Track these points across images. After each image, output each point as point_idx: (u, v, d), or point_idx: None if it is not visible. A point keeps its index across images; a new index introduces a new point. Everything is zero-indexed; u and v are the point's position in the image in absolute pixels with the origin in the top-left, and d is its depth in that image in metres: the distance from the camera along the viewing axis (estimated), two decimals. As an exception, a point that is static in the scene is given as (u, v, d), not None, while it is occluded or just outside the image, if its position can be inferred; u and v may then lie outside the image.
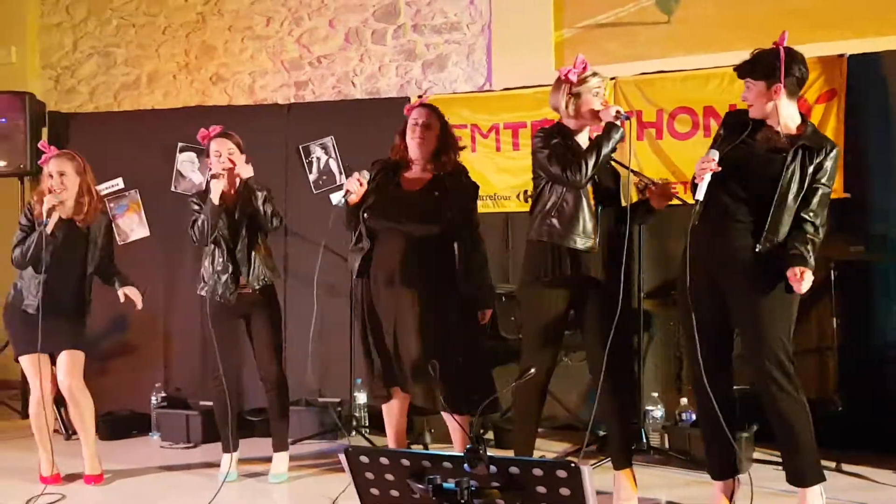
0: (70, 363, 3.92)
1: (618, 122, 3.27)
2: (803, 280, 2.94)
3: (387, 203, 3.62)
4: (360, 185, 3.61)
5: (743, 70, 3.11)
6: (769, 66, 3.03)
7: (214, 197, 3.85)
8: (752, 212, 3.04)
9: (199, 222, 3.88)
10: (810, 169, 3.01)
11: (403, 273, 3.57)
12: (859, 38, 4.83)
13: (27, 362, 3.93)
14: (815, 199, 3.03)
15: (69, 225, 3.93)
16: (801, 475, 3.08)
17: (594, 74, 3.38)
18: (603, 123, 3.30)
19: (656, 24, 5.42)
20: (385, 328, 3.62)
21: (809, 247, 2.99)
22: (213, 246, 3.93)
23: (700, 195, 3.03)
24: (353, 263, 3.69)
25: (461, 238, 3.66)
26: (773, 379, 3.01)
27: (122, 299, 4.10)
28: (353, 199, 3.61)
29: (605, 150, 3.24)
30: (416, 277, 3.56)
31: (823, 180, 3.04)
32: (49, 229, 3.81)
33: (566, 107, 3.36)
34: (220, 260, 3.93)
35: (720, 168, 3.01)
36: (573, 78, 3.34)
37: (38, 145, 4.15)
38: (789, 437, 3.05)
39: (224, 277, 3.91)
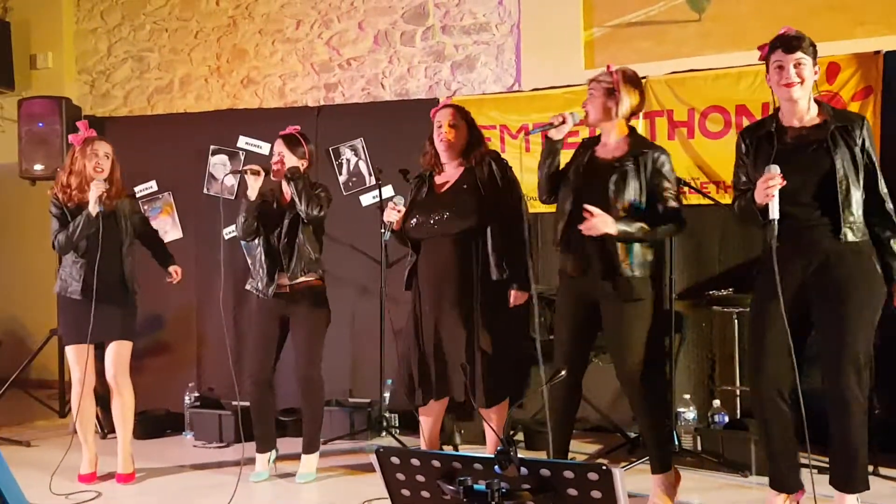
0: (118, 354, 3.97)
1: (553, 135, 3.37)
2: None
3: (420, 211, 3.63)
4: (399, 212, 3.63)
5: (798, 43, 2.99)
6: (814, 46, 3.01)
7: (252, 193, 3.93)
8: (823, 212, 2.97)
9: (241, 217, 3.98)
10: (857, 146, 2.97)
11: (445, 274, 3.56)
12: (896, 34, 4.76)
13: (73, 353, 3.97)
14: (879, 176, 3.01)
15: (109, 208, 3.97)
16: (852, 482, 3.02)
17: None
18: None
19: (687, 21, 5.38)
20: (427, 333, 3.61)
21: None
22: (257, 242, 4.02)
23: (775, 213, 2.93)
24: (404, 277, 3.72)
25: (499, 223, 3.58)
26: (848, 387, 2.94)
27: (174, 278, 4.25)
28: (396, 227, 3.65)
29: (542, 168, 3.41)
30: (457, 276, 3.54)
31: (871, 150, 3.00)
32: (95, 211, 3.85)
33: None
34: (260, 256, 4.00)
35: (785, 181, 2.92)
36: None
37: (77, 124, 4.19)
38: (849, 444, 2.99)
39: (262, 273, 3.97)
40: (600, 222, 3.15)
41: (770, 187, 2.91)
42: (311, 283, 3.99)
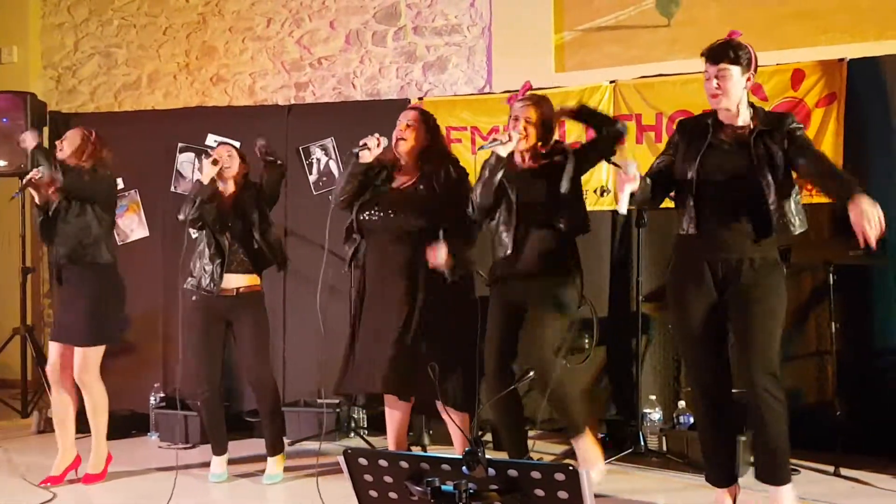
0: (82, 358, 3.93)
1: (501, 153, 3.43)
2: (866, 215, 2.81)
3: (377, 199, 3.66)
4: (378, 145, 3.62)
5: (720, 55, 3.05)
6: (744, 56, 3.07)
7: (205, 178, 3.93)
8: (746, 212, 3.05)
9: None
10: (780, 148, 3.03)
11: (395, 268, 3.59)
12: (860, 42, 4.85)
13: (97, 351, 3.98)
14: (814, 149, 3.09)
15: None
16: (779, 474, 3.12)
17: (522, 101, 3.59)
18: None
19: (656, 27, 5.43)
20: (374, 324, 3.63)
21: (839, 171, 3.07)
22: (201, 236, 3.99)
23: (623, 208, 3.05)
24: (348, 252, 3.75)
25: (450, 227, 3.62)
26: (765, 388, 3.03)
27: None
28: (368, 157, 3.61)
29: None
30: (408, 272, 3.57)
31: (798, 137, 3.05)
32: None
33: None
34: (205, 251, 3.98)
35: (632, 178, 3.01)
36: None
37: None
38: (772, 439, 3.08)
39: (207, 270, 3.94)
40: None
41: (624, 183, 2.99)
42: (253, 287, 4.03)
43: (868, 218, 2.74)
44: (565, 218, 3.45)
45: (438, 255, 3.49)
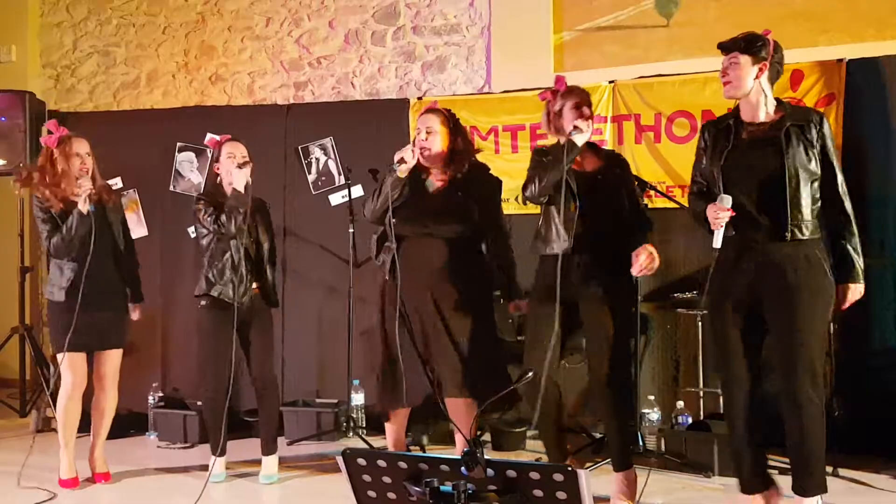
0: (113, 363, 3.95)
1: (574, 139, 3.31)
2: (849, 300, 3.02)
3: (412, 207, 3.59)
4: (414, 155, 3.56)
5: (732, 44, 3.09)
6: (759, 45, 3.07)
7: (240, 185, 3.86)
8: (774, 212, 3.00)
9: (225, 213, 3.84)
10: (815, 144, 3.01)
11: (433, 276, 3.55)
12: (859, 42, 4.85)
13: (66, 359, 3.83)
14: (837, 171, 3.05)
15: (97, 206, 3.85)
16: (808, 486, 3.05)
17: (574, 88, 3.50)
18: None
19: (655, 27, 5.43)
20: (414, 331, 3.59)
21: (856, 242, 3.03)
22: (228, 245, 3.91)
23: (718, 243, 3.02)
24: (385, 264, 3.62)
25: (489, 236, 3.66)
26: (804, 391, 2.96)
27: (134, 317, 4.11)
28: (405, 170, 3.54)
29: (550, 170, 3.32)
30: (446, 279, 3.54)
31: (829, 147, 3.05)
32: (86, 209, 3.74)
33: (549, 127, 3.51)
34: (230, 260, 3.91)
35: (731, 211, 2.99)
36: (549, 96, 3.49)
37: (46, 126, 4.03)
38: (804, 448, 3.02)
39: (233, 277, 3.89)
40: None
41: (719, 218, 2.98)
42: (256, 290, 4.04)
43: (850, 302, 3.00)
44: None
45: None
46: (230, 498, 3.81)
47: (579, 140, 3.32)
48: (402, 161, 3.51)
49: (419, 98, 5.30)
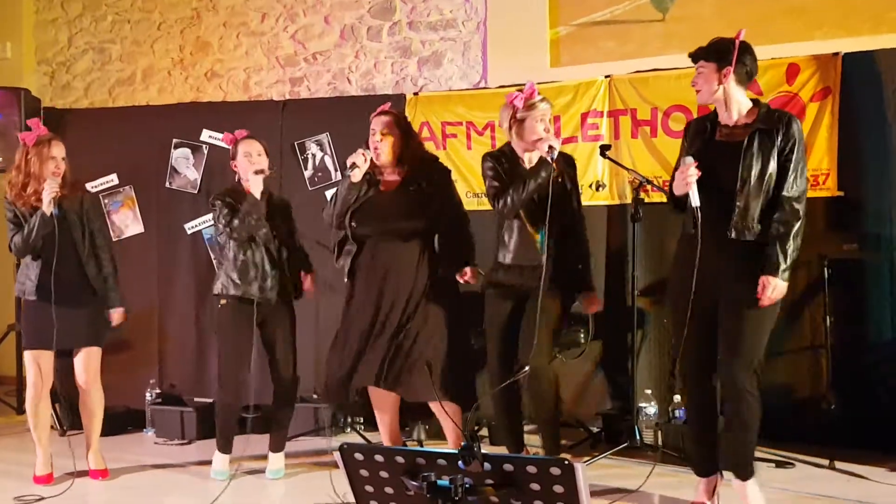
0: (87, 361, 3.92)
1: (549, 159, 3.45)
2: (765, 293, 3.04)
3: (368, 209, 3.69)
4: (366, 160, 3.66)
5: (697, 54, 3.20)
6: (722, 51, 3.13)
7: (256, 191, 3.88)
8: (727, 213, 3.09)
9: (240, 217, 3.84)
10: (775, 150, 3.07)
11: (396, 272, 3.62)
12: (854, 36, 4.85)
13: (30, 357, 3.88)
14: (791, 175, 3.08)
15: (63, 208, 3.83)
16: (746, 469, 3.19)
17: (542, 100, 3.56)
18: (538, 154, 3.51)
19: (651, 21, 5.43)
20: (362, 324, 3.65)
21: (786, 243, 3.05)
22: (248, 244, 3.89)
23: (696, 201, 3.07)
24: (345, 266, 3.76)
25: (446, 226, 3.70)
26: (745, 389, 3.09)
27: (112, 321, 4.04)
28: (359, 174, 3.65)
29: (530, 187, 3.46)
30: (410, 275, 3.61)
31: (792, 152, 3.08)
32: (49, 211, 3.71)
33: (509, 131, 3.59)
34: (254, 258, 3.90)
35: (699, 172, 3.07)
36: (518, 104, 3.53)
37: (27, 122, 4.02)
38: (749, 436, 3.16)
39: (258, 275, 3.88)
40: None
41: (687, 176, 3.07)
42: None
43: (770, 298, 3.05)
44: None
45: (468, 277, 3.60)
46: (231, 492, 3.81)
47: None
48: (354, 165, 3.62)
49: (415, 94, 5.29)
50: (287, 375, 4.02)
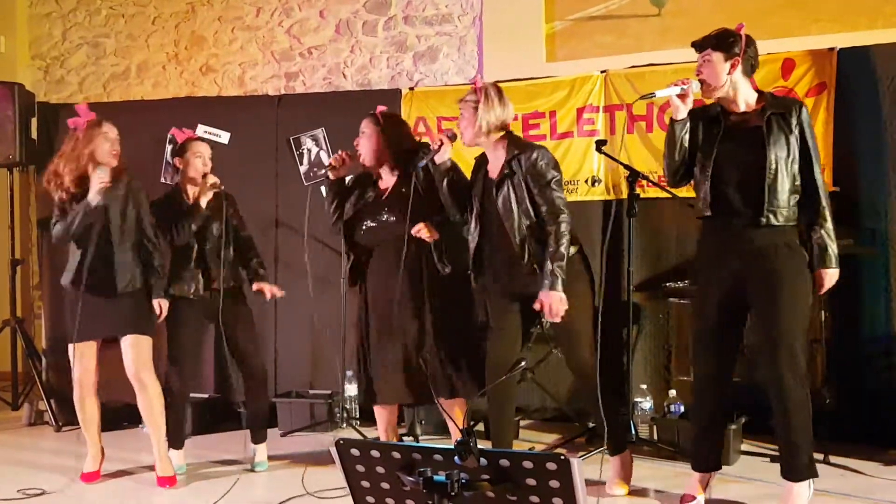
0: (135, 348, 3.77)
1: (437, 160, 3.46)
2: (824, 286, 3.07)
3: (365, 210, 3.70)
4: (344, 161, 3.69)
5: (704, 43, 3.16)
6: (730, 42, 3.12)
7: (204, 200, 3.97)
8: (756, 199, 3.06)
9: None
10: (794, 132, 3.07)
11: (395, 273, 3.58)
12: (850, 31, 4.85)
13: (72, 350, 3.78)
14: (814, 160, 3.09)
15: (108, 197, 3.73)
16: (795, 470, 3.11)
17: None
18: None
19: (647, 16, 5.43)
20: (388, 329, 3.64)
21: (829, 228, 3.06)
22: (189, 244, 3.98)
23: (658, 93, 3.18)
24: (343, 272, 3.82)
25: (438, 223, 3.65)
26: (784, 378, 3.01)
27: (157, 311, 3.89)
28: (334, 174, 3.71)
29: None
30: (410, 276, 3.59)
31: (808, 135, 3.10)
32: (95, 202, 3.65)
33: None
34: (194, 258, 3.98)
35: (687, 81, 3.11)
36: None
37: (77, 107, 3.90)
38: (790, 434, 3.08)
39: (198, 275, 3.97)
40: (557, 306, 3.23)
41: (680, 85, 3.11)
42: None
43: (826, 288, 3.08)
44: None
45: (421, 230, 3.52)
46: (224, 489, 3.81)
47: (438, 160, 3.48)
48: (330, 166, 3.69)
49: (411, 88, 5.28)
50: (250, 367, 4.06)
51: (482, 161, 3.52)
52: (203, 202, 3.96)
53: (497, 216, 3.36)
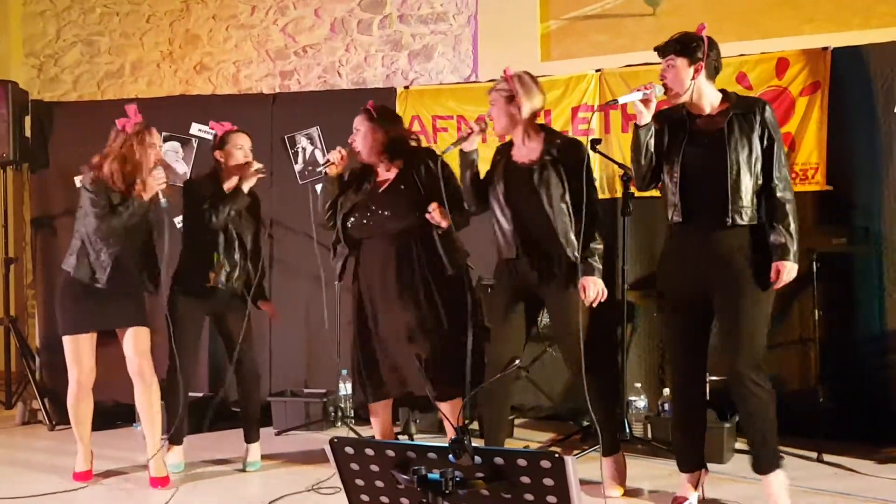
0: (138, 339, 3.76)
1: (465, 148, 3.48)
2: (780, 278, 3.05)
3: (361, 204, 3.68)
4: (342, 158, 3.69)
5: (667, 48, 3.18)
6: (693, 47, 3.14)
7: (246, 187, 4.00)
8: (721, 200, 3.08)
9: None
10: (755, 134, 3.08)
11: (391, 268, 3.59)
12: (844, 30, 4.86)
13: (70, 343, 3.76)
14: (776, 159, 3.10)
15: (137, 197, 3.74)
16: (761, 463, 3.17)
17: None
18: None
19: (642, 15, 5.43)
20: (374, 331, 3.66)
21: (788, 223, 3.05)
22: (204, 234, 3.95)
23: (622, 99, 3.20)
24: (337, 268, 3.76)
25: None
26: (749, 378, 3.07)
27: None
28: (334, 170, 3.70)
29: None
30: (406, 271, 3.58)
31: (773, 133, 3.10)
32: (164, 202, 3.70)
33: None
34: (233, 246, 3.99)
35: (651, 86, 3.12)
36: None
37: (126, 108, 3.90)
38: (755, 429, 3.14)
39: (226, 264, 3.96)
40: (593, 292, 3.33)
41: (642, 90, 3.13)
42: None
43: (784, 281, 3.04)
44: None
45: (435, 210, 3.50)
46: (221, 489, 3.81)
47: (466, 147, 3.52)
48: (328, 162, 3.69)
49: (406, 87, 5.28)
50: (250, 362, 4.07)
51: (504, 150, 3.52)
52: (245, 187, 3.96)
53: (527, 203, 3.35)
